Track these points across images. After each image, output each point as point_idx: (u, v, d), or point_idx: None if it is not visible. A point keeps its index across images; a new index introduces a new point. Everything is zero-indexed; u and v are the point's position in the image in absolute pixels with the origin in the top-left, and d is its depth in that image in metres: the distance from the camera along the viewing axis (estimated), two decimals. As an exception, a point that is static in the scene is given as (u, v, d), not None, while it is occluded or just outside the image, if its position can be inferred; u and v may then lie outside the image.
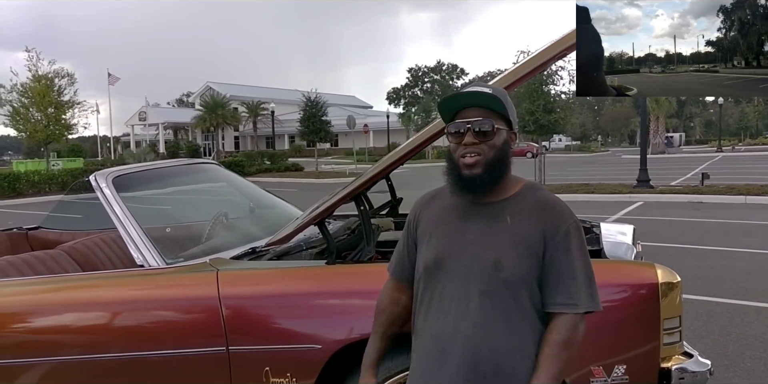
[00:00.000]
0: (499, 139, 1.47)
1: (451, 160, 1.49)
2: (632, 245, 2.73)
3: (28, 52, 23.34)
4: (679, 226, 9.65)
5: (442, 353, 1.47)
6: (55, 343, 2.35)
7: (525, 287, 1.44)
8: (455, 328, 1.45)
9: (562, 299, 1.44)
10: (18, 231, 4.07)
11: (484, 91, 1.47)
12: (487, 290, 1.44)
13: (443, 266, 1.49)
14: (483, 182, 1.45)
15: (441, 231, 1.53)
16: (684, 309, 4.75)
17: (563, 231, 1.46)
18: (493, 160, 1.45)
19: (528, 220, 1.46)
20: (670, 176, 19.18)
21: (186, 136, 56.63)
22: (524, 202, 1.49)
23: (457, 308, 1.46)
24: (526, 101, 15.72)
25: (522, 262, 1.43)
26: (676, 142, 53.08)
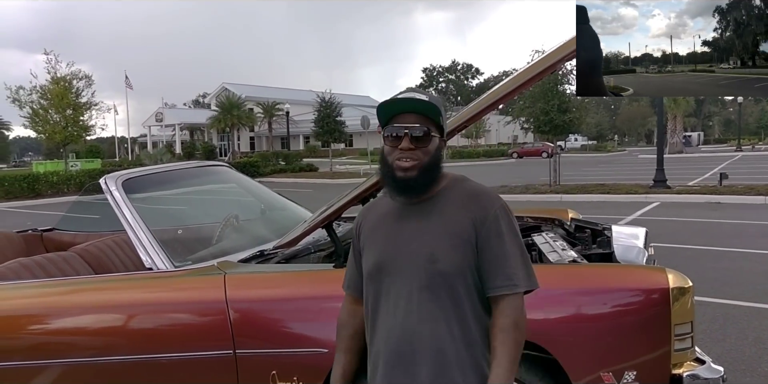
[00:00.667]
0: (433, 145, 1.52)
1: (385, 163, 1.53)
2: (644, 249, 2.69)
3: (47, 55, 23.67)
4: (696, 227, 9.52)
5: (392, 353, 1.50)
6: (63, 345, 2.37)
7: (462, 276, 1.48)
8: (402, 327, 1.49)
9: (501, 282, 1.47)
10: (33, 232, 4.12)
11: (423, 99, 1.51)
12: (427, 284, 1.48)
13: (383, 269, 1.53)
14: (417, 185, 1.50)
15: (378, 236, 1.58)
16: (700, 312, 4.74)
17: (492, 216, 1.50)
18: (428, 165, 1.50)
19: (456, 211, 1.51)
20: (688, 176, 18.93)
21: (202, 137, 57.09)
22: (452, 195, 1.55)
23: (402, 307, 1.49)
24: (541, 101, 15.52)
25: (455, 251, 1.48)
26: (694, 142, 52.38)
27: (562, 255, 2.53)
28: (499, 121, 55.88)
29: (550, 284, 2.21)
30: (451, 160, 40.76)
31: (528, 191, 15.06)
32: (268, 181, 24.98)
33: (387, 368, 1.52)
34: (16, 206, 18.03)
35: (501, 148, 49.99)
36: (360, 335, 1.67)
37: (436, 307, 1.47)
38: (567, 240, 3.03)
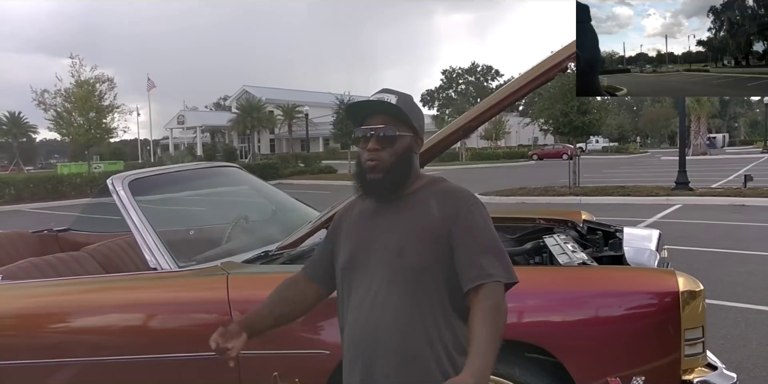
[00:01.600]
0: (401, 145, 1.54)
1: (359, 164, 1.57)
2: (656, 251, 2.63)
3: (72, 59, 24.13)
4: (718, 229, 9.33)
5: (360, 347, 1.52)
6: (65, 345, 2.39)
7: (430, 272, 1.48)
8: (368, 319, 1.50)
9: (475, 273, 1.44)
10: (48, 232, 4.17)
11: (387, 100, 1.53)
12: (395, 279, 1.49)
13: (354, 263, 1.56)
14: (381, 186, 1.53)
15: (353, 232, 1.61)
16: (721, 316, 4.64)
17: (464, 211, 1.50)
18: (392, 166, 1.52)
19: (429, 208, 1.52)
20: (712, 178, 18.59)
21: (223, 139, 57.67)
22: (426, 193, 1.56)
23: (370, 300, 1.51)
24: (560, 102, 15.36)
25: (424, 247, 1.48)
26: (718, 143, 51.54)
27: (572, 257, 2.48)
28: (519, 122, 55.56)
29: (557, 286, 2.17)
30: (470, 161, 40.59)
31: (547, 193, 14.91)
32: (287, 182, 25.12)
33: (354, 362, 1.54)
34: (41, 207, 18.37)
35: (521, 150, 49.67)
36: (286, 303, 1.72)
37: (403, 302, 1.47)
38: (579, 242, 2.98)
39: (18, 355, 2.41)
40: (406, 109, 1.53)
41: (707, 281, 5.58)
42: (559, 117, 15.80)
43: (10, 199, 19.25)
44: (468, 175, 25.07)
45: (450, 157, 42.43)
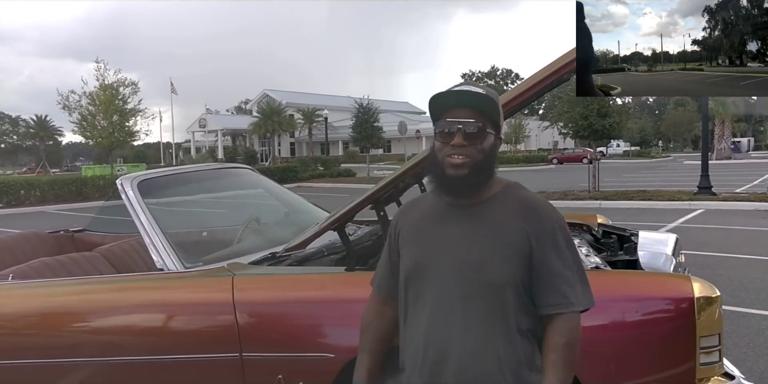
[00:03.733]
0: (487, 142, 1.42)
1: (435, 160, 1.43)
2: (672, 256, 2.56)
3: (97, 63, 24.59)
4: (742, 235, 9.12)
5: (425, 362, 1.42)
6: (69, 344, 2.39)
7: (510, 290, 1.38)
8: (438, 336, 1.41)
9: (556, 299, 1.38)
10: (65, 233, 4.21)
11: (479, 92, 1.40)
12: (470, 294, 1.38)
13: (423, 273, 1.44)
14: (467, 184, 1.40)
15: (419, 237, 1.48)
16: (744, 324, 4.51)
17: (549, 229, 1.40)
18: (480, 164, 1.40)
19: (511, 220, 1.41)
20: (736, 183, 18.23)
21: (244, 143, 58.15)
22: (506, 203, 1.44)
23: (440, 315, 1.41)
24: (580, 105, 15.16)
25: (506, 263, 1.38)
26: (743, 147, 50.54)
27: (586, 261, 2.42)
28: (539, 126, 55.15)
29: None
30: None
31: (566, 197, 14.74)
32: (306, 185, 25.22)
33: (419, 376, 1.43)
34: (65, 209, 18.67)
35: (540, 154, 49.25)
36: (386, 337, 1.59)
37: (479, 319, 1.38)
38: (593, 246, 2.92)
39: (20, 355, 2.42)
40: (496, 103, 1.42)
41: (730, 288, 5.52)
42: (579, 120, 15.60)
43: (36, 201, 19.60)
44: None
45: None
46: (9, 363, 2.41)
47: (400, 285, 1.51)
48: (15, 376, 2.41)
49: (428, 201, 1.52)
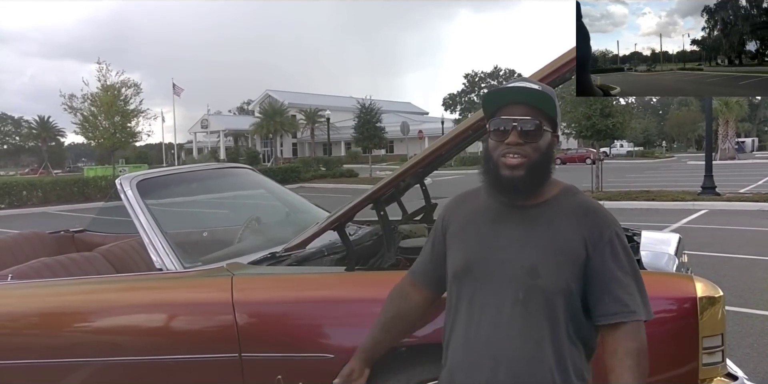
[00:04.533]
0: (544, 141, 1.37)
1: (489, 159, 1.39)
2: (675, 256, 2.53)
3: (99, 64, 24.65)
4: (746, 235, 9.09)
5: (473, 365, 1.39)
6: (67, 345, 2.37)
7: (563, 296, 1.34)
8: (487, 339, 1.37)
9: (617, 308, 1.35)
10: (65, 233, 4.20)
11: (535, 88, 1.37)
12: (522, 298, 1.35)
13: (472, 272, 1.41)
14: (524, 185, 1.36)
15: (470, 235, 1.45)
16: (748, 325, 4.48)
17: (607, 237, 1.37)
18: (537, 164, 1.35)
19: (567, 226, 1.37)
20: (740, 183, 18.18)
21: (246, 143, 58.21)
22: (563, 207, 1.40)
23: (489, 317, 1.37)
24: (583, 105, 15.16)
25: (561, 269, 1.34)
26: (747, 148, 50.49)
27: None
28: (542, 126, 54.86)
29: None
30: (492, 166, 40.23)
31: (569, 198, 14.69)
32: (308, 186, 25.22)
33: (464, 378, 1.40)
34: (67, 209, 18.70)
35: (544, 154, 49.08)
36: (402, 319, 1.60)
37: (530, 325, 1.34)
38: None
39: (19, 355, 2.40)
40: (554, 100, 1.38)
41: (734, 288, 5.49)
42: (582, 120, 15.60)
43: (38, 202, 19.65)
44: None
45: (472, 160, 42.15)
46: (8, 363, 2.40)
47: (448, 281, 1.49)
48: (14, 376, 2.40)
49: (481, 198, 1.48)
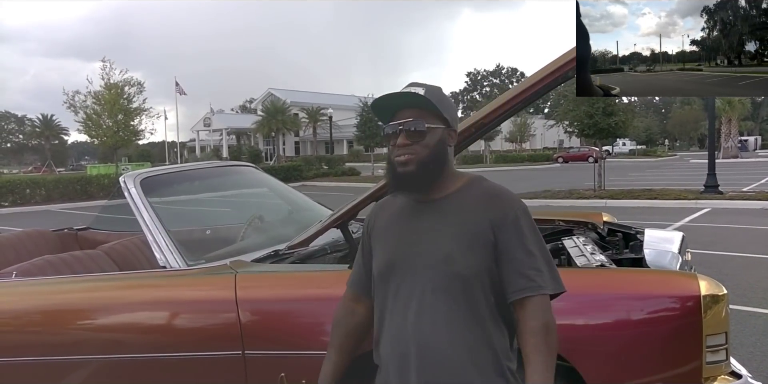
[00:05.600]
0: (432, 138, 1.46)
1: (388, 161, 1.50)
2: (678, 254, 2.53)
3: (103, 62, 24.66)
4: (749, 234, 9.07)
5: (402, 356, 1.45)
6: (71, 342, 2.38)
7: (479, 279, 1.41)
8: (412, 329, 1.43)
9: (523, 284, 1.40)
10: (68, 231, 4.21)
11: (415, 92, 1.45)
12: (440, 286, 1.41)
13: (394, 268, 1.48)
14: (416, 179, 1.45)
15: (390, 235, 1.53)
16: (751, 323, 4.48)
17: (512, 217, 1.43)
18: (426, 159, 1.44)
19: (474, 211, 1.45)
20: (743, 182, 18.13)
21: (248, 142, 58.25)
22: (470, 195, 1.48)
23: (412, 308, 1.43)
24: (585, 104, 15.15)
25: (473, 253, 1.41)
26: (750, 146, 50.34)
27: (591, 259, 2.40)
28: (544, 125, 55.06)
29: (573, 289, 2.09)
30: (494, 164, 40.30)
31: (571, 196, 14.69)
32: (310, 184, 25.24)
33: (395, 371, 1.46)
34: (70, 207, 18.75)
35: (546, 153, 49.14)
36: (355, 335, 1.63)
37: (451, 311, 1.40)
38: (598, 244, 2.90)
39: (22, 352, 2.41)
40: (435, 100, 1.45)
41: (737, 287, 5.48)
42: (584, 119, 15.60)
43: (41, 200, 19.69)
44: (492, 177, 24.30)
45: (474, 159, 42.22)
46: (12, 360, 2.41)
47: (373, 283, 1.55)
48: (18, 373, 2.40)
49: (398, 201, 1.57)
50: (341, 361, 1.64)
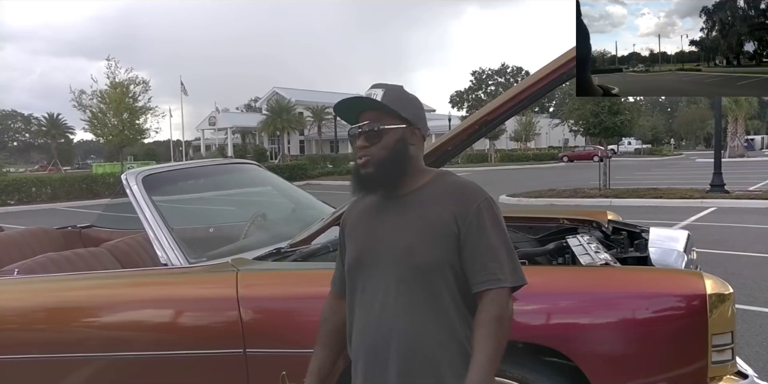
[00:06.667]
0: (390, 139, 1.49)
1: (354, 162, 1.55)
2: (683, 253, 2.51)
3: (108, 61, 24.73)
4: (755, 233, 9.01)
5: (371, 348, 1.48)
6: (72, 340, 2.37)
7: (440, 271, 1.44)
8: (379, 321, 1.46)
9: (483, 277, 1.42)
10: (72, 229, 4.21)
11: (368, 96, 1.49)
12: (404, 278, 1.44)
13: (361, 263, 1.51)
14: (375, 180, 1.49)
15: (359, 231, 1.57)
16: (757, 323, 4.44)
17: (474, 209, 1.45)
18: (384, 159, 1.48)
19: (438, 204, 1.47)
20: (749, 181, 18.03)
21: (253, 140, 58.29)
22: (435, 189, 1.51)
23: (379, 301, 1.47)
24: (591, 103, 15.06)
25: (434, 245, 1.43)
26: (757, 145, 50.13)
27: (595, 257, 2.38)
28: (549, 124, 54.95)
29: (577, 287, 2.08)
30: (499, 163, 40.23)
31: (576, 195, 14.64)
32: (315, 183, 25.25)
33: (363, 364, 1.50)
34: (76, 206, 18.82)
35: (551, 152, 49.03)
36: (340, 332, 1.65)
37: (414, 303, 1.44)
38: (603, 243, 2.88)
39: (24, 349, 2.41)
40: (391, 101, 1.48)
41: (743, 286, 5.45)
42: (590, 118, 15.51)
43: (47, 198, 19.78)
44: (497, 176, 24.73)
45: (479, 158, 42.14)
46: (13, 357, 2.40)
47: (346, 278, 1.57)
48: (20, 370, 2.40)
49: (367, 198, 1.60)
50: (327, 357, 1.67)
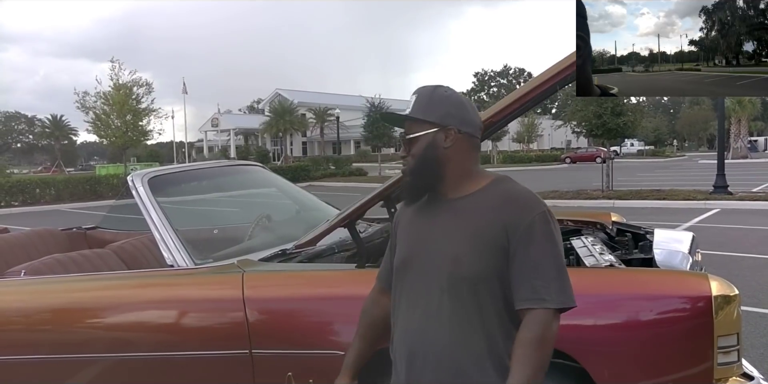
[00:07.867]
0: (419, 146, 1.47)
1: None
2: (688, 254, 2.51)
3: (112, 63, 24.77)
4: (759, 235, 8.99)
5: (410, 353, 1.45)
6: (79, 340, 2.38)
7: (486, 283, 1.38)
8: (420, 327, 1.44)
9: (527, 294, 1.35)
10: (77, 230, 4.23)
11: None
12: (447, 287, 1.40)
13: (409, 265, 1.49)
14: (413, 188, 1.50)
15: (411, 232, 1.54)
16: (762, 325, 4.42)
17: (527, 223, 1.38)
18: (415, 167, 1.48)
19: (490, 214, 1.41)
20: (753, 182, 18.00)
21: (256, 142, 58.35)
22: (489, 196, 1.45)
23: (421, 308, 1.44)
24: (593, 104, 15.04)
25: (480, 257, 1.38)
26: (760, 146, 50.04)
27: (599, 259, 2.38)
28: (552, 125, 54.89)
29: (582, 289, 2.07)
30: (501, 164, 40.20)
31: (579, 196, 14.62)
32: (318, 184, 25.26)
33: (403, 366, 1.47)
34: (80, 207, 18.86)
35: (554, 153, 48.97)
36: (378, 325, 1.63)
37: (457, 314, 1.39)
38: (607, 244, 2.88)
39: (30, 350, 2.42)
40: (418, 107, 1.45)
41: (747, 288, 5.44)
42: (593, 119, 15.48)
43: (51, 200, 19.82)
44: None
45: (481, 159, 41.89)
46: (20, 358, 2.41)
47: (393, 278, 1.56)
48: (25, 371, 2.41)
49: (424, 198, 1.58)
50: (363, 349, 1.65)
